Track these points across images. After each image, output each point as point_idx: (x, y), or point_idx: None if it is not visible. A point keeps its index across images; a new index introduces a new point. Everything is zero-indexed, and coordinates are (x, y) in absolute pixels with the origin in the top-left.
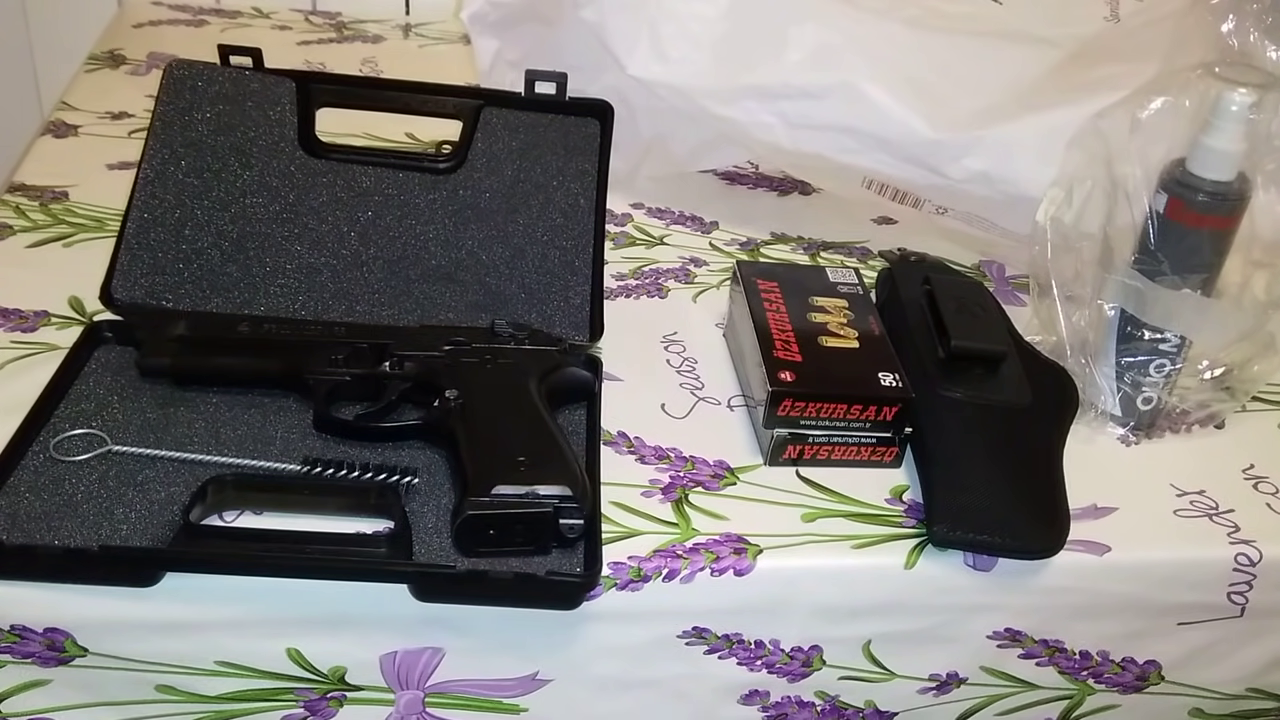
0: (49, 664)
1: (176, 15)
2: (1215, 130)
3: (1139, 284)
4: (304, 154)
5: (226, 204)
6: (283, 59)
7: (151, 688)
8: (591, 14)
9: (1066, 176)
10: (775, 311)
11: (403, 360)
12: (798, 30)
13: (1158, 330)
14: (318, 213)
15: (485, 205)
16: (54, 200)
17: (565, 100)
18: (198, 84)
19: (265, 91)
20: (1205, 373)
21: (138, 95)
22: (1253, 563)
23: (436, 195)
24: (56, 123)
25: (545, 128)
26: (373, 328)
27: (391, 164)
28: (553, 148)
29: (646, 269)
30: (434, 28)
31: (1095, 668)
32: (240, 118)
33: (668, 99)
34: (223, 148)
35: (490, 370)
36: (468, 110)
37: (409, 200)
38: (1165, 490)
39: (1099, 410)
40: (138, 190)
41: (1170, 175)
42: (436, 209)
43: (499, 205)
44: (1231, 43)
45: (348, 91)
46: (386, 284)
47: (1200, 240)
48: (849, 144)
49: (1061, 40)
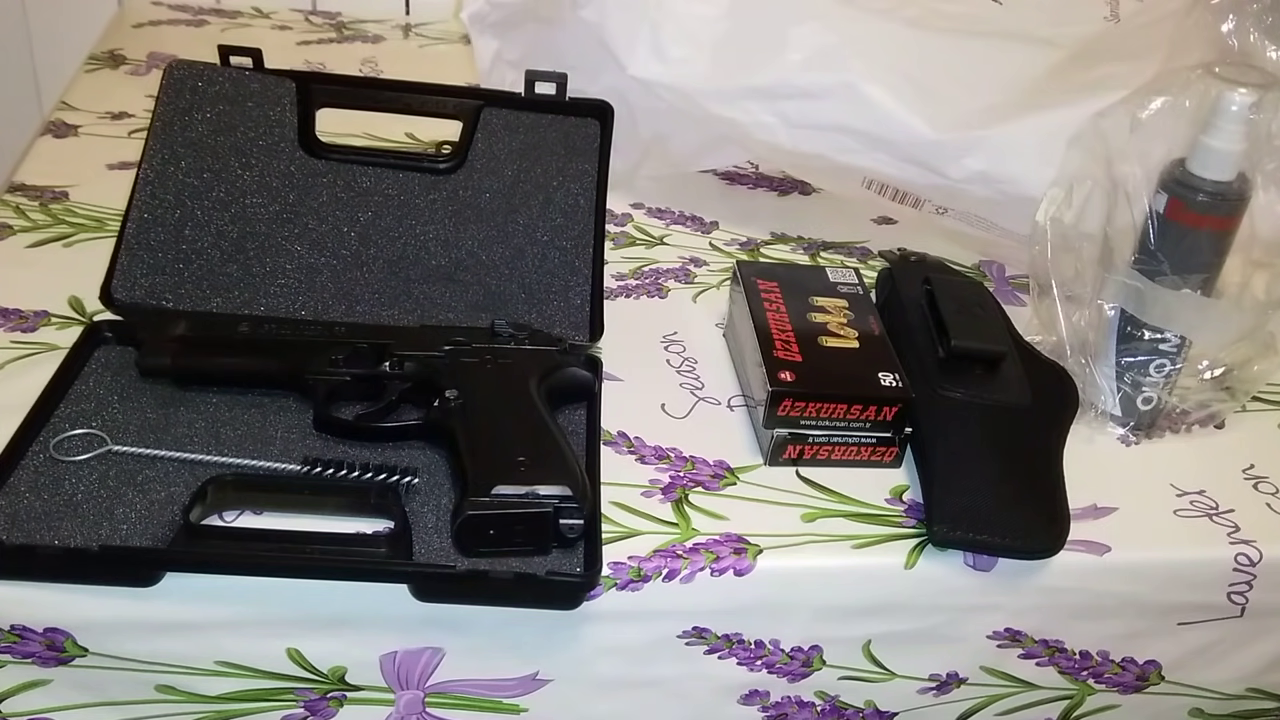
0: (49, 664)
1: (176, 15)
2: (1215, 130)
3: (1139, 284)
4: (304, 154)
5: (226, 204)
6: (283, 59)
7: (152, 688)
8: (591, 14)
9: (1066, 176)
10: (775, 311)
11: (403, 360)
12: (798, 30)
13: (1158, 330)
14: (317, 213)
15: (485, 205)
16: (54, 200)
17: (565, 101)
18: (198, 84)
19: (265, 92)
20: (1205, 373)
21: (138, 95)
22: (1253, 563)
23: (436, 195)
24: (56, 123)
25: (545, 128)
26: (373, 328)
27: (391, 164)
28: (553, 148)
29: (646, 269)
30: (434, 28)
31: (1095, 668)
32: (240, 118)
33: (668, 99)
34: (223, 148)
35: (490, 370)
36: (468, 111)
37: (409, 200)
38: (1165, 490)
39: (1099, 410)
40: (137, 190)
41: (1170, 175)
42: (436, 209)
43: (499, 205)
44: (1232, 43)
45: (348, 92)
46: (386, 284)
47: (1200, 240)
48: (849, 144)
49: (1062, 40)
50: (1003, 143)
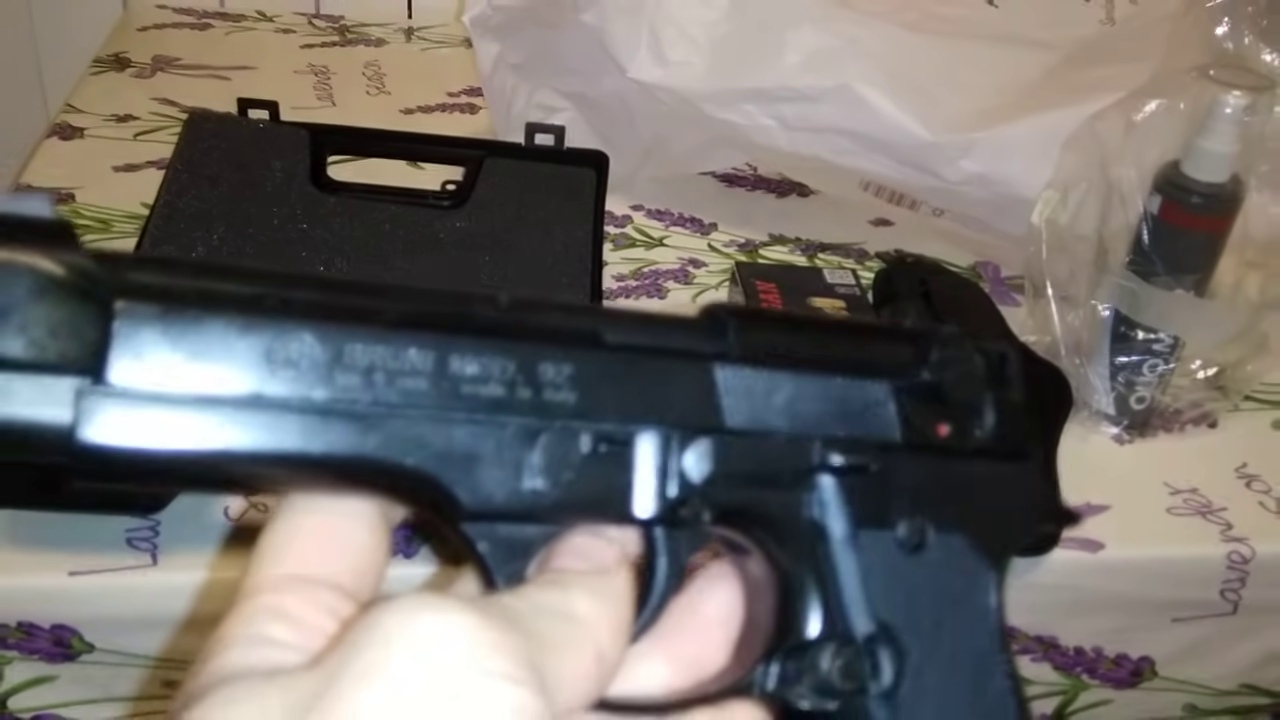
0: (56, 660)
1: (181, 19)
2: (1209, 132)
3: (1133, 285)
4: (314, 189)
5: (239, 229)
6: (286, 63)
7: (158, 684)
8: (592, 18)
9: (1062, 178)
10: None
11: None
12: (796, 33)
13: (1151, 330)
14: (327, 240)
15: (487, 239)
16: (60, 202)
17: (563, 150)
18: (216, 131)
19: (281, 140)
20: (1198, 372)
21: (143, 98)
22: (1245, 560)
23: (441, 228)
24: (62, 125)
25: (544, 176)
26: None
27: (399, 201)
28: (551, 192)
29: (646, 270)
30: (436, 31)
31: (1089, 663)
32: (256, 160)
33: (667, 102)
34: (238, 183)
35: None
36: (470, 160)
37: (415, 232)
38: (1159, 488)
39: (1093, 409)
40: (154, 217)
41: (1164, 177)
42: (441, 240)
43: (500, 239)
44: (1226, 45)
45: (358, 143)
46: None
47: (1194, 241)
48: (846, 146)
49: (1057, 43)
50: (999, 145)
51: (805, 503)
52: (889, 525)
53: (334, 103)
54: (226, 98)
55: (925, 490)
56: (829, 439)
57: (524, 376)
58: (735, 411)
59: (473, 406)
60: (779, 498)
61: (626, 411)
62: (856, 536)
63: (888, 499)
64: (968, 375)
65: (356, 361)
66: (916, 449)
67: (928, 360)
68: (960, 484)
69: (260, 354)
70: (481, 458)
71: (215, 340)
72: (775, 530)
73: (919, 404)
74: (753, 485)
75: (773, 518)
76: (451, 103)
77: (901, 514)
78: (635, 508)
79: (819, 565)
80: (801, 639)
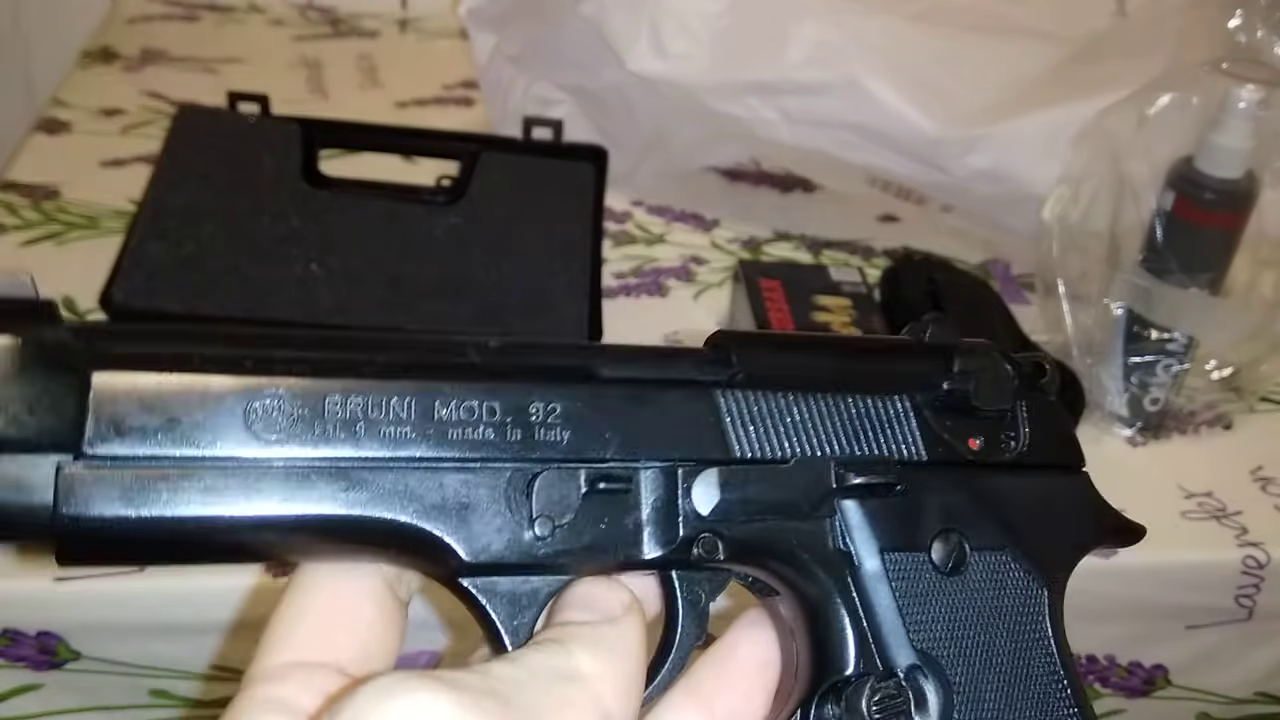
0: (42, 668)
1: (170, 10)
2: (1223, 127)
3: (1146, 283)
4: (306, 185)
5: (229, 225)
6: (278, 55)
7: (145, 692)
8: (591, 9)
9: (1073, 174)
10: (778, 311)
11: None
12: (799, 26)
13: (1165, 329)
14: (319, 235)
15: (483, 234)
16: (46, 198)
17: (561, 144)
18: (206, 125)
19: (272, 134)
20: (1213, 373)
21: (131, 92)
22: (1261, 565)
23: (436, 224)
24: (49, 119)
25: (542, 170)
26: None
27: (392, 196)
28: (549, 187)
29: (647, 267)
30: (432, 22)
31: (1101, 672)
32: (246, 155)
33: (668, 95)
34: (228, 179)
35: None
36: (465, 154)
37: (409, 227)
38: (1173, 492)
39: (1106, 410)
40: (143, 211)
41: (1177, 173)
42: (436, 235)
43: (497, 234)
44: (1239, 39)
45: (350, 137)
46: (387, 298)
47: (1208, 238)
48: (851, 140)
49: (1067, 36)
50: (1007, 140)
51: (828, 530)
52: (922, 547)
53: (326, 96)
54: (216, 91)
55: (959, 507)
56: (845, 459)
57: (513, 417)
58: (743, 439)
59: (463, 452)
60: (798, 528)
61: (626, 447)
62: (887, 562)
63: (918, 519)
64: (995, 386)
65: (338, 415)
66: (945, 464)
67: (950, 372)
68: (999, 498)
69: (238, 416)
70: (475, 506)
71: (193, 405)
72: (798, 563)
73: (945, 418)
74: (768, 515)
75: (793, 550)
76: (446, 96)
77: (934, 534)
78: (644, 549)
79: (849, 596)
80: (839, 677)
